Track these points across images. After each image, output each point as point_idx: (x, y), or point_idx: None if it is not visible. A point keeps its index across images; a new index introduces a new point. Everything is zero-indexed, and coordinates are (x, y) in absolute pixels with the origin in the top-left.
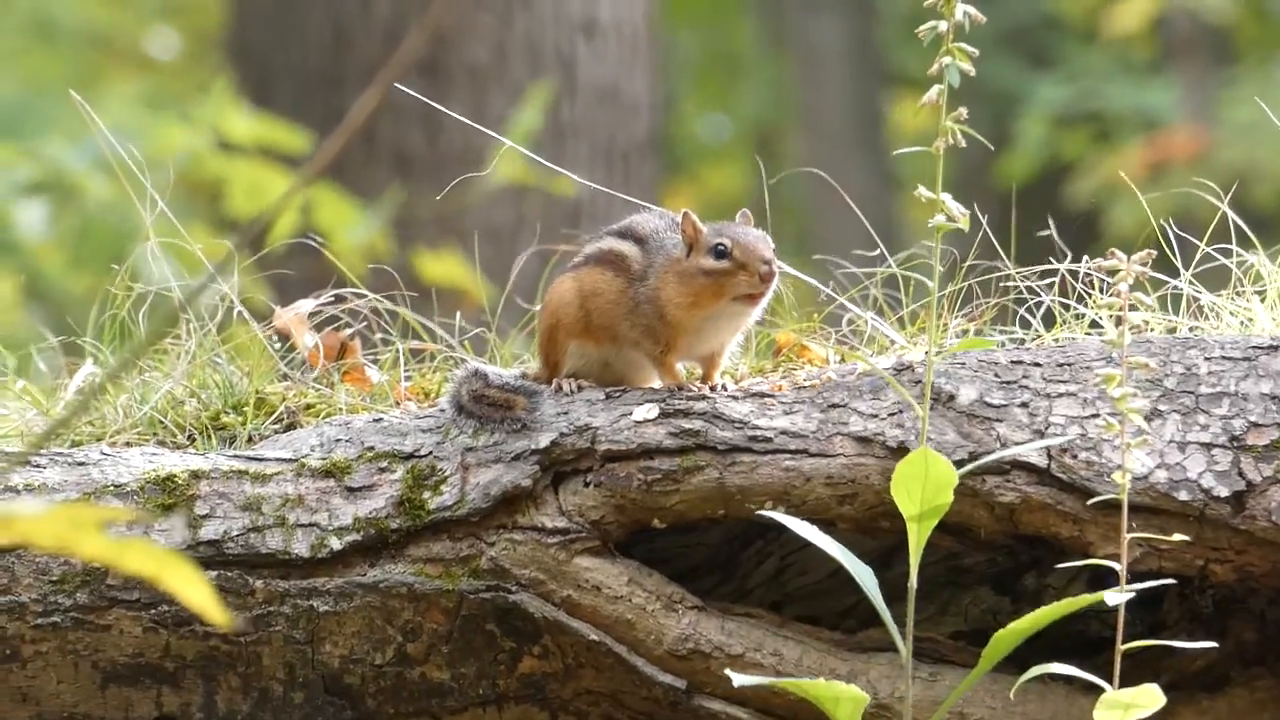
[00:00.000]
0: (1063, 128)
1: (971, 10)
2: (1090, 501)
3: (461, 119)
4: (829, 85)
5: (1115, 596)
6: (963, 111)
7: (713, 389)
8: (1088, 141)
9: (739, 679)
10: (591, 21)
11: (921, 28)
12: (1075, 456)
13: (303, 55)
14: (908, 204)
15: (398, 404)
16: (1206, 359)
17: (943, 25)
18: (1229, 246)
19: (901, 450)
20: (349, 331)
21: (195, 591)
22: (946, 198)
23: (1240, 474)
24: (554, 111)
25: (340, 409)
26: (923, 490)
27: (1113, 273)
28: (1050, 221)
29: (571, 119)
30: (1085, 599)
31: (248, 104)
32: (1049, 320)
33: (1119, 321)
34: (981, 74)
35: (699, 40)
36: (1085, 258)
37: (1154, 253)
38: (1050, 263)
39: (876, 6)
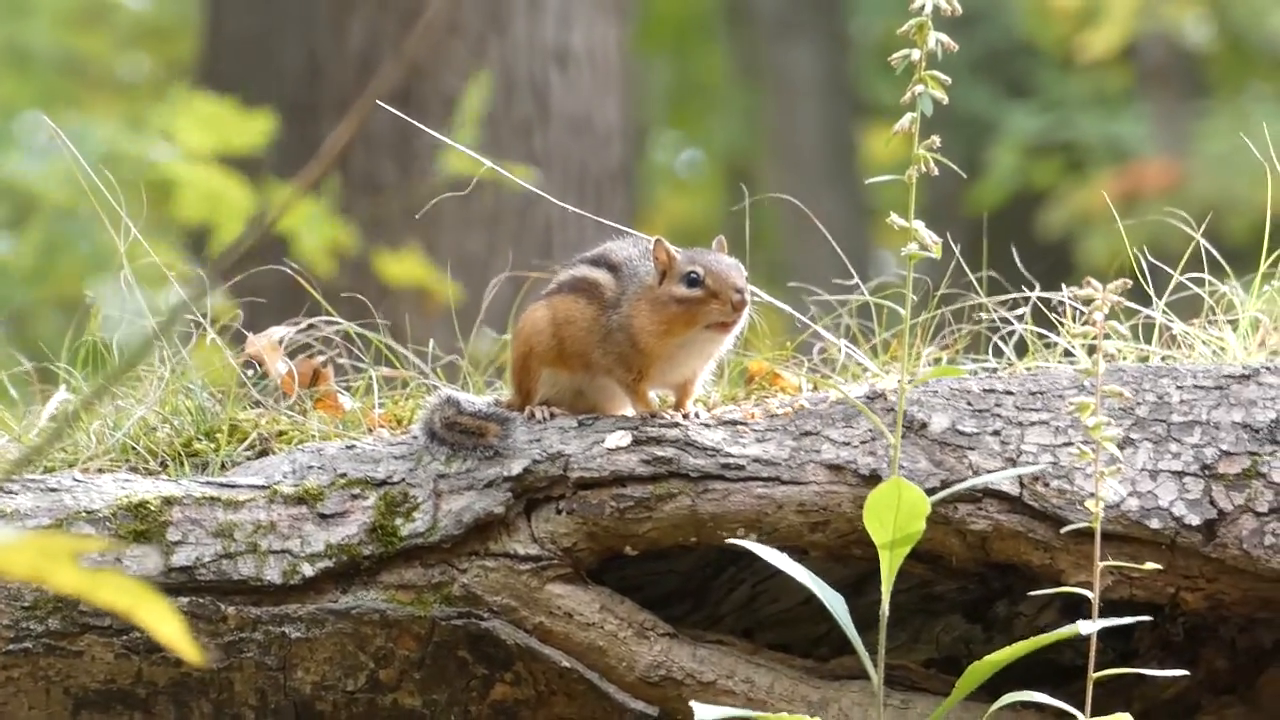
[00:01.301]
0: (1035, 157)
1: (944, 38)
2: (1064, 530)
3: (435, 134)
4: (802, 114)
5: (1088, 626)
6: (936, 140)
7: (685, 417)
8: (1059, 171)
9: (701, 710)
10: (564, 50)
11: (894, 55)
12: (1047, 484)
13: (277, 85)
14: (880, 233)
15: (370, 431)
16: (1179, 388)
17: (915, 54)
18: (1202, 276)
19: (874, 478)
20: (321, 358)
21: (168, 627)
22: (920, 225)
23: (1212, 502)
24: (527, 140)
25: (313, 436)
26: (895, 518)
27: (1088, 301)
28: (1015, 251)
29: (544, 147)
30: (1061, 632)
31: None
32: (1021, 349)
33: (1092, 350)
34: (954, 101)
35: (671, 68)
36: (1063, 286)
37: (1129, 282)
38: (1022, 291)
39: (850, 36)
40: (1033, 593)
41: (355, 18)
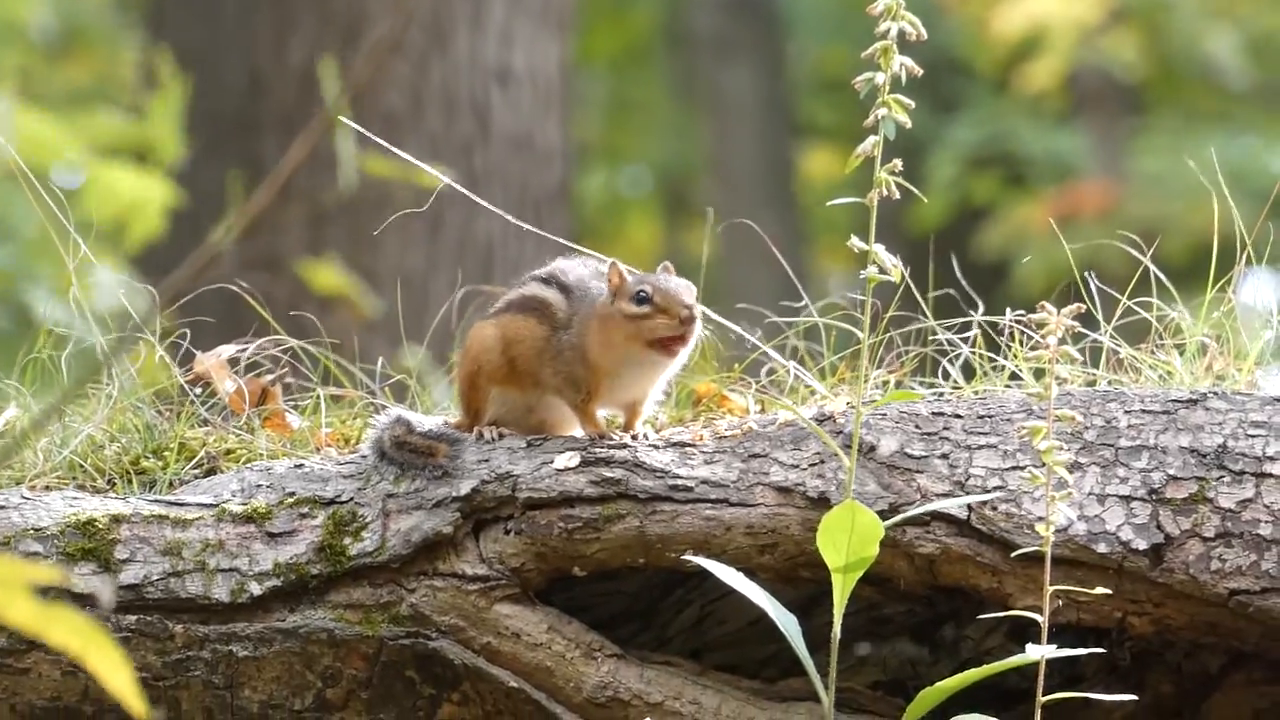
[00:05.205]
0: (974, 169)
1: (909, 61)
2: (1014, 554)
3: (385, 145)
4: (739, 135)
5: (1038, 651)
6: (898, 163)
7: (634, 438)
8: (999, 185)
9: None
10: (506, 69)
11: (858, 79)
12: (995, 509)
13: (218, 101)
14: (815, 256)
15: (318, 450)
16: (1126, 412)
17: (879, 77)
18: (1149, 300)
19: (822, 500)
20: (270, 377)
21: (117, 676)
22: (880, 249)
23: (1159, 527)
24: (468, 159)
25: (261, 454)
26: (849, 542)
27: (1041, 325)
28: (957, 271)
29: (485, 166)
30: (1014, 660)
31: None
32: (968, 371)
33: (1039, 373)
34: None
35: (609, 87)
36: (1007, 310)
37: (1083, 306)
38: (966, 313)
39: (787, 58)
40: (981, 616)
41: (296, 34)
